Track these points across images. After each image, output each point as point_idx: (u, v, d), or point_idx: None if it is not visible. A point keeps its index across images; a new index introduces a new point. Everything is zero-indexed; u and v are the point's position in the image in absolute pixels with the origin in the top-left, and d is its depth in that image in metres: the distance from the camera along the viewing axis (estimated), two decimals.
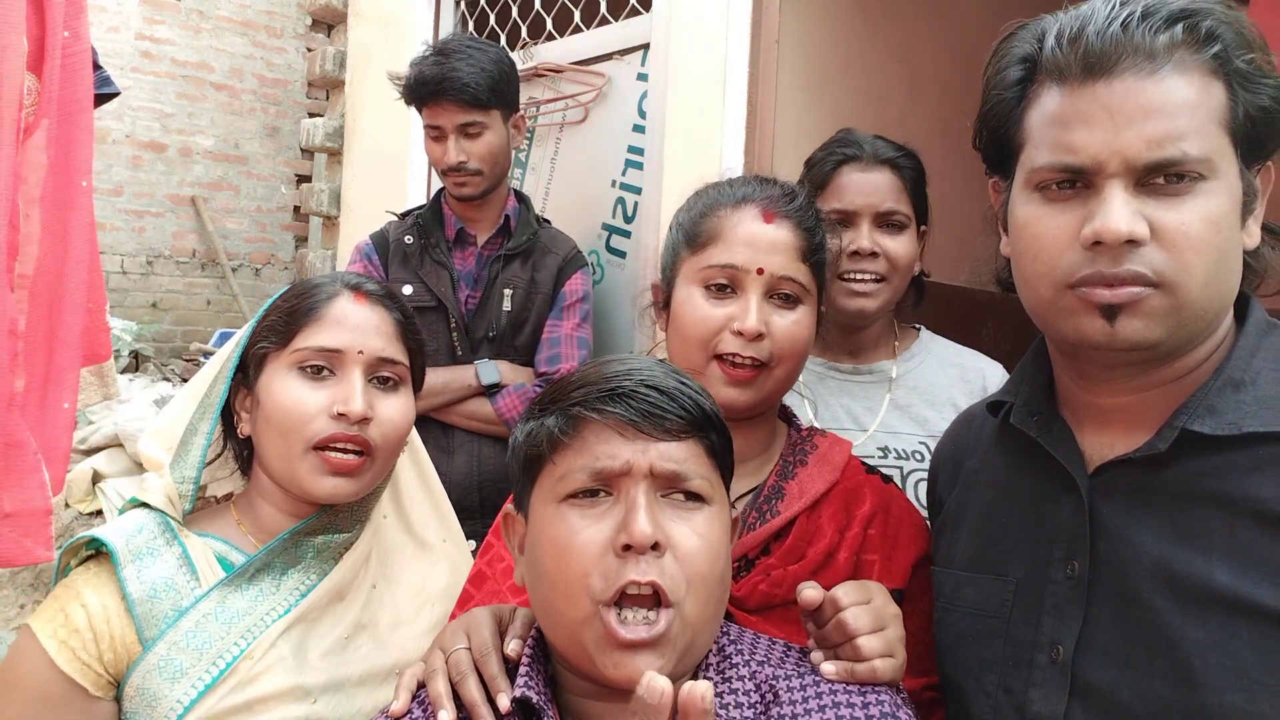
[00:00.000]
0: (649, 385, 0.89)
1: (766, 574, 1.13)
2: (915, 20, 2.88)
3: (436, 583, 1.30)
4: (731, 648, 0.96)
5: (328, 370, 1.17)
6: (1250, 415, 0.87)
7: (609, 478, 0.88)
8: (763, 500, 1.19)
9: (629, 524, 0.85)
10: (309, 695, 1.11)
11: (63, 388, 1.63)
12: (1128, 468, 0.93)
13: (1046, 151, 0.91)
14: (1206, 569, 0.85)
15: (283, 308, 1.20)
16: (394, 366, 1.21)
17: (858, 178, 1.66)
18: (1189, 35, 0.87)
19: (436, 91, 2.19)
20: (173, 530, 1.16)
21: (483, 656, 0.96)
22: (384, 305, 1.22)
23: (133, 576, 1.10)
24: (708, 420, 0.92)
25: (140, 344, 6.16)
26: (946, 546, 1.13)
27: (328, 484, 1.15)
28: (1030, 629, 0.97)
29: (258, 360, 1.19)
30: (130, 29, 6.67)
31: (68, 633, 1.07)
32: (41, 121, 1.61)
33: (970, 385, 1.73)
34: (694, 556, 0.87)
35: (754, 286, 1.16)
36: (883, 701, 0.92)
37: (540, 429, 0.92)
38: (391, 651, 1.20)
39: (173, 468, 1.20)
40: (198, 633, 1.09)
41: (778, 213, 1.19)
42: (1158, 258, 0.85)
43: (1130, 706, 0.88)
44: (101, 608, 1.09)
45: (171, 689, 1.06)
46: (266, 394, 1.17)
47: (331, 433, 1.14)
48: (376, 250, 2.33)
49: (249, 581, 1.14)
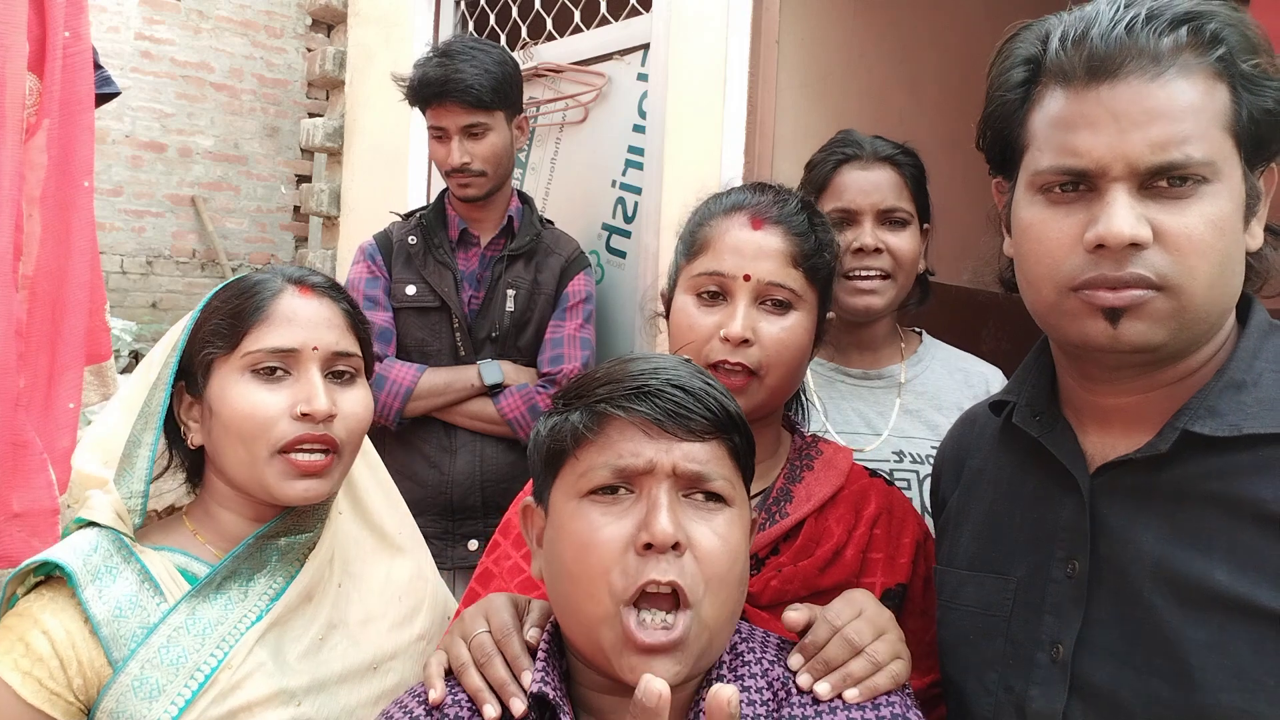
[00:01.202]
0: (675, 385, 0.89)
1: (778, 570, 1.14)
2: (916, 20, 2.88)
3: (401, 574, 1.28)
4: (744, 646, 0.96)
5: (282, 370, 1.13)
6: (1251, 417, 0.87)
7: (631, 475, 0.88)
8: (771, 502, 1.20)
9: (651, 523, 0.85)
10: (294, 698, 1.09)
11: (67, 387, 1.62)
12: (1129, 468, 0.93)
13: (1050, 154, 0.91)
14: (1206, 569, 0.85)
15: (224, 309, 1.15)
16: (349, 359, 1.17)
17: (858, 176, 1.66)
18: (1194, 38, 0.86)
19: (441, 93, 2.20)
20: (128, 547, 1.11)
21: (504, 638, 0.97)
22: (330, 296, 1.18)
23: (94, 597, 1.06)
24: (731, 422, 0.92)
25: (140, 344, 6.16)
26: (948, 546, 1.14)
27: (299, 487, 1.12)
28: (1031, 628, 0.97)
29: (204, 367, 1.14)
30: (130, 29, 6.68)
31: (30, 663, 1.03)
32: (43, 122, 1.61)
33: (975, 390, 1.73)
34: (714, 558, 0.87)
35: (742, 293, 1.17)
36: (894, 703, 0.93)
37: (564, 424, 0.92)
38: (366, 648, 1.18)
39: (118, 482, 1.15)
40: (171, 647, 1.06)
41: (766, 219, 1.19)
42: (1161, 261, 0.86)
43: (1129, 705, 0.88)
44: (65, 632, 1.04)
45: (150, 708, 1.03)
46: (221, 402, 1.12)
47: (298, 434, 1.11)
48: (380, 250, 2.34)
49: (216, 591, 1.11)
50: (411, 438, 2.26)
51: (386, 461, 1.39)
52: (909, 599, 1.18)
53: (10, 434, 1.47)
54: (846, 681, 0.93)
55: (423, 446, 2.26)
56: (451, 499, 2.24)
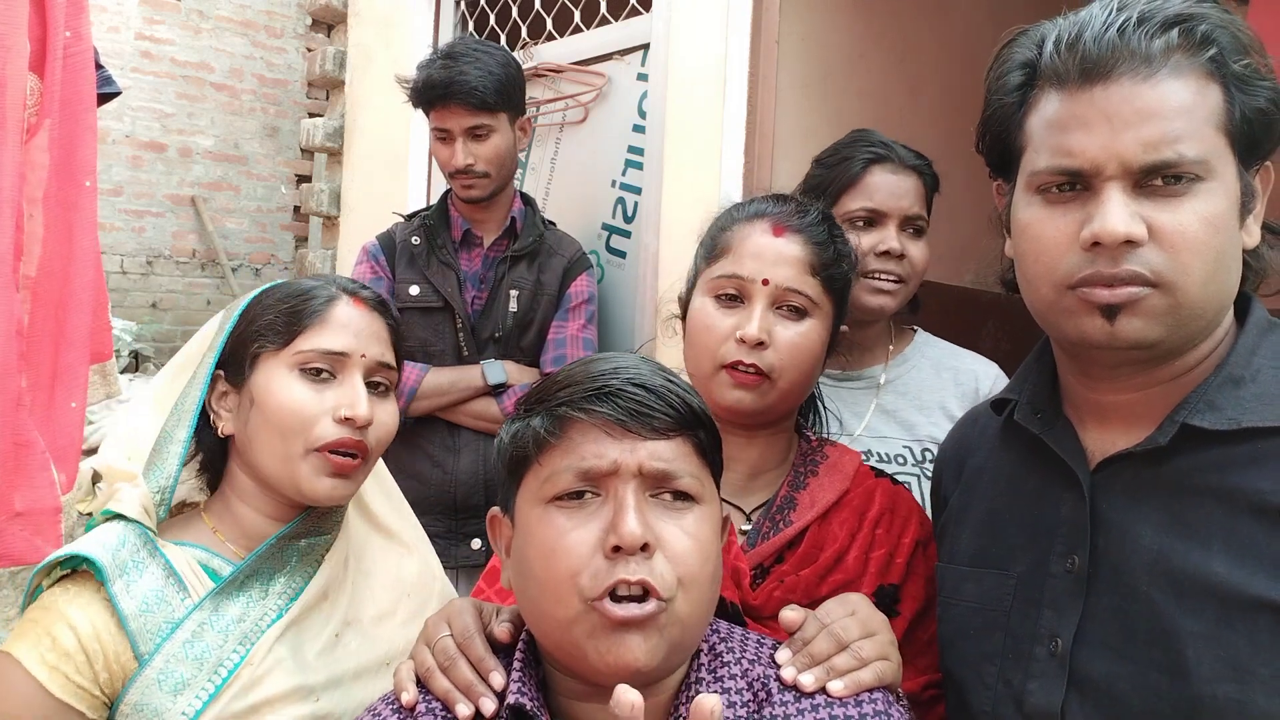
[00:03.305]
0: (636, 383, 0.89)
1: (781, 580, 1.15)
2: (916, 20, 2.88)
3: (409, 573, 1.31)
4: (723, 646, 0.96)
5: (328, 373, 1.17)
6: (1250, 411, 0.89)
7: (596, 478, 0.87)
8: (775, 510, 1.21)
9: (618, 525, 0.84)
10: (312, 694, 1.12)
11: (71, 387, 1.63)
12: (1129, 462, 0.94)
13: (1046, 155, 0.92)
14: (1204, 561, 0.87)
15: (280, 308, 1.20)
16: (388, 372, 1.23)
17: (890, 179, 1.68)
18: (1185, 40, 0.88)
19: (444, 95, 2.21)
20: (153, 542, 1.14)
21: (466, 640, 0.97)
22: (379, 311, 1.24)
23: (122, 591, 1.08)
24: (695, 418, 0.91)
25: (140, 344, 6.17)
26: (950, 543, 1.15)
27: (326, 484, 1.15)
28: (1030, 622, 0.98)
29: (252, 359, 1.18)
30: (130, 29, 6.68)
31: (58, 657, 1.04)
32: (44, 122, 1.61)
33: (963, 388, 1.74)
34: (685, 557, 0.86)
35: (760, 297, 1.19)
36: (875, 700, 0.93)
37: (526, 429, 0.91)
38: (379, 644, 1.21)
39: (147, 476, 1.18)
40: (195, 643, 1.08)
41: (788, 227, 1.21)
42: (1156, 258, 0.87)
43: (1126, 698, 0.89)
44: (91, 627, 1.06)
45: (175, 701, 1.05)
46: (266, 393, 1.16)
47: (338, 437, 1.14)
48: (383, 251, 2.35)
49: (239, 589, 1.13)
50: (415, 437, 2.27)
51: (390, 461, 1.40)
52: (904, 599, 1.19)
53: (12, 433, 1.47)
54: (830, 674, 0.93)
55: (426, 446, 2.27)
56: (455, 498, 2.25)
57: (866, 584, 1.16)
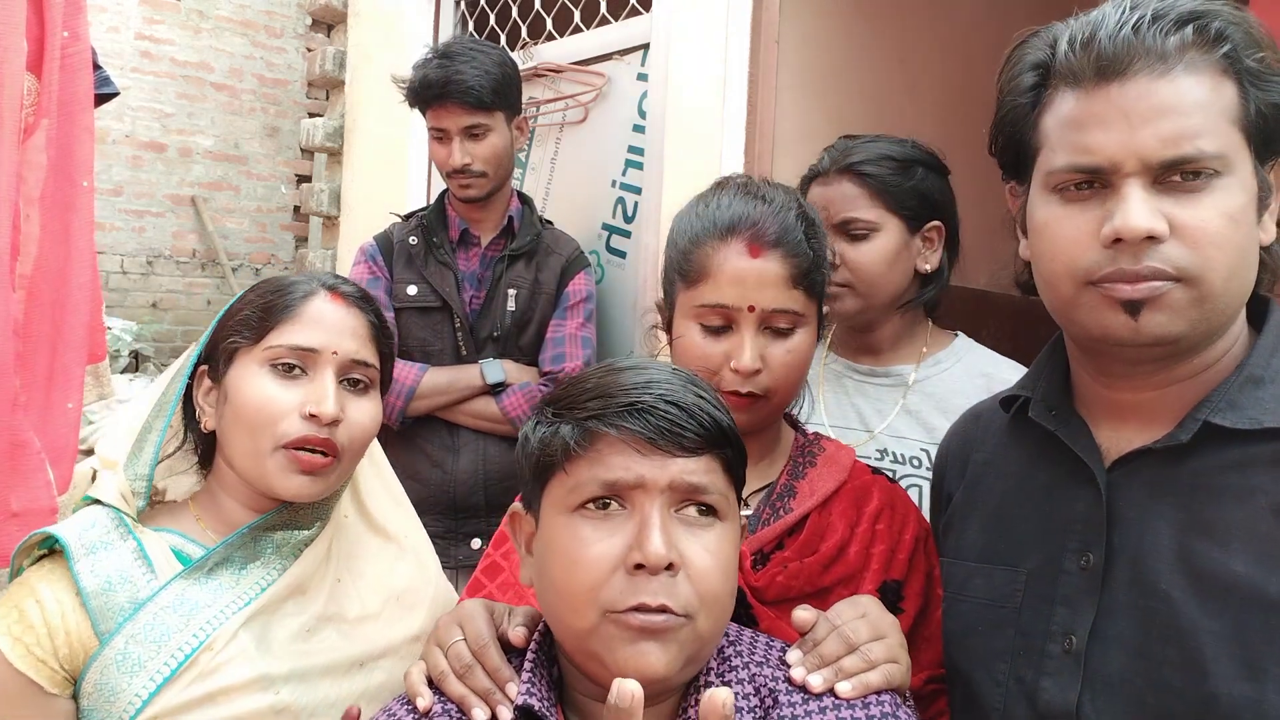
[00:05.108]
0: (668, 400, 0.88)
1: (784, 566, 1.16)
2: (915, 21, 2.88)
3: (402, 574, 1.30)
4: (730, 649, 0.96)
5: (299, 369, 1.16)
6: (1270, 412, 0.89)
7: (623, 490, 0.87)
8: (776, 497, 1.22)
9: (643, 543, 0.84)
10: (273, 685, 1.11)
11: (67, 387, 1.62)
12: (1147, 459, 0.95)
13: (1063, 154, 0.93)
14: (1224, 560, 0.87)
15: (257, 303, 1.19)
16: (365, 369, 1.20)
17: (817, 192, 1.68)
18: (1199, 36, 0.88)
19: (441, 94, 2.21)
20: (127, 525, 1.15)
21: (481, 648, 0.97)
22: (359, 307, 1.22)
23: (86, 570, 1.09)
24: (725, 436, 0.91)
25: (140, 344, 6.17)
26: (955, 539, 1.14)
27: (294, 482, 1.14)
28: (1042, 619, 0.98)
29: (227, 354, 1.19)
30: (130, 29, 6.68)
31: (22, 629, 1.07)
32: (41, 122, 1.61)
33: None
34: (707, 575, 0.86)
35: (747, 323, 1.17)
36: (883, 702, 0.93)
37: (554, 438, 0.91)
38: (357, 643, 1.20)
39: (126, 465, 1.19)
40: (155, 625, 1.08)
41: (764, 244, 1.18)
42: (1178, 253, 0.87)
43: (1142, 695, 0.89)
44: (56, 603, 1.08)
45: (130, 682, 1.05)
46: (236, 389, 1.16)
47: (303, 434, 1.13)
48: (381, 251, 2.35)
49: (208, 575, 1.13)
50: (414, 437, 2.27)
51: (389, 461, 1.39)
52: (907, 595, 1.19)
53: (9, 433, 1.47)
54: (838, 675, 0.94)
55: (426, 446, 2.27)
56: (454, 498, 2.25)
57: (869, 579, 1.17)
